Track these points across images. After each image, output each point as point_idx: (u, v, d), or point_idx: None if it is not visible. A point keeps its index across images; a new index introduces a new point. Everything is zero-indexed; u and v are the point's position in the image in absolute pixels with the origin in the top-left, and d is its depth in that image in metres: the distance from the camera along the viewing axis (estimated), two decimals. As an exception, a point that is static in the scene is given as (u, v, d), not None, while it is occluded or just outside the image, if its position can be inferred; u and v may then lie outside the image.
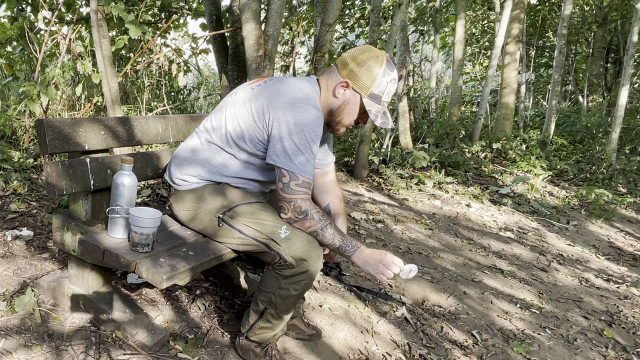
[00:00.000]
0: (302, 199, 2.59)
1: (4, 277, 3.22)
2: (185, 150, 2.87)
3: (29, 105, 4.69)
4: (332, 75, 2.73)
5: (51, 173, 2.55)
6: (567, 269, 5.19)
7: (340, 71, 2.69)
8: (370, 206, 6.21)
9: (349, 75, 2.66)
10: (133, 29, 4.67)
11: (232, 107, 2.75)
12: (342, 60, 2.71)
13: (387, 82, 2.67)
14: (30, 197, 4.43)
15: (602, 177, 9.37)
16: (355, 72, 2.65)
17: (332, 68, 2.76)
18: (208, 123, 2.85)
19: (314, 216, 2.59)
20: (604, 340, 3.85)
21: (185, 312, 3.21)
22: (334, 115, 2.77)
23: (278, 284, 2.60)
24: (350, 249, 2.65)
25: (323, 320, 3.42)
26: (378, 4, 7.83)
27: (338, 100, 2.72)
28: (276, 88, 2.67)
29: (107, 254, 2.52)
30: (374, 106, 2.71)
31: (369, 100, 2.69)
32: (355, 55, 2.67)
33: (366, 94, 2.68)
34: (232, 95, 2.83)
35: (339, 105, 2.74)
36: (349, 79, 2.66)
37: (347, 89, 2.69)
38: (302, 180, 2.57)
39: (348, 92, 2.70)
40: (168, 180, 2.92)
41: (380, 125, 2.69)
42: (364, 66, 2.63)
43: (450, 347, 3.39)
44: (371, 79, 2.64)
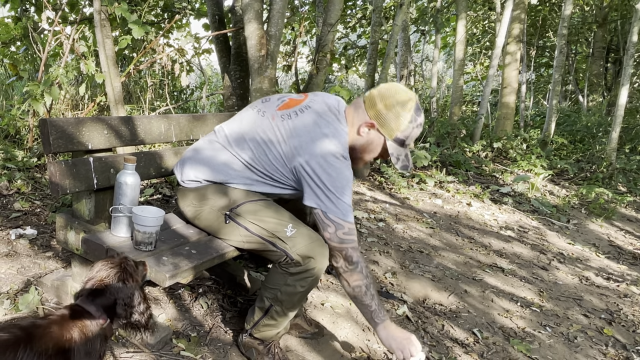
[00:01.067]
0: (353, 248, 2.60)
1: (8, 275, 3.23)
2: (196, 151, 2.86)
3: (32, 104, 4.70)
4: (359, 112, 2.68)
5: (55, 172, 2.56)
6: (567, 268, 5.19)
7: (368, 110, 2.64)
8: (371, 205, 6.21)
9: (376, 116, 2.62)
10: (136, 29, 4.67)
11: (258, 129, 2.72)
12: (370, 99, 2.65)
13: (413, 127, 2.64)
14: (34, 196, 4.44)
15: (602, 176, 9.38)
16: (382, 115, 2.61)
17: (360, 103, 2.70)
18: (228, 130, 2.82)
19: (362, 270, 2.62)
20: (604, 339, 3.85)
21: (188, 310, 3.22)
22: (355, 152, 2.74)
23: (284, 281, 2.61)
24: (382, 317, 2.67)
25: (325, 319, 3.42)
26: (379, 4, 7.85)
27: (362, 138, 2.69)
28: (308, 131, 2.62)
29: (111, 253, 2.52)
30: (397, 149, 2.69)
31: (393, 144, 2.67)
32: (384, 96, 2.62)
33: (390, 138, 2.65)
34: (259, 113, 2.79)
35: (362, 144, 2.71)
36: (375, 121, 2.63)
37: (373, 129, 2.66)
38: (348, 228, 2.58)
39: (373, 133, 2.67)
40: (177, 176, 2.90)
41: (400, 169, 2.70)
42: (392, 110, 2.60)
43: (451, 345, 3.40)
44: (398, 125, 2.61)
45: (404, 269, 4.48)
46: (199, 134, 3.46)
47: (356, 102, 2.74)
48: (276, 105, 2.78)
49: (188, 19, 7.28)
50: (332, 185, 2.53)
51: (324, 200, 2.54)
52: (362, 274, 2.62)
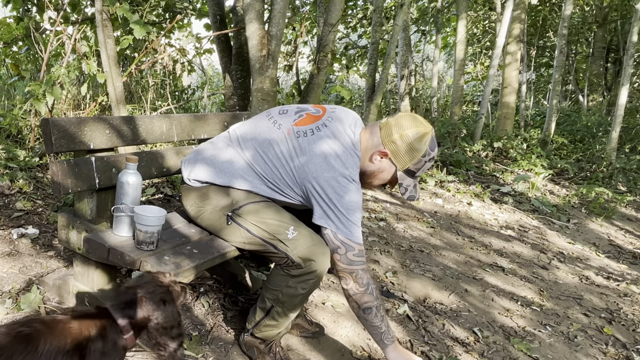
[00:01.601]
0: (363, 269, 2.61)
1: (10, 274, 3.23)
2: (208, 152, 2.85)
3: (34, 104, 4.70)
4: (374, 138, 2.67)
5: (57, 172, 2.57)
6: (567, 267, 5.20)
7: (383, 138, 2.63)
8: (372, 204, 6.22)
9: (390, 146, 2.62)
10: (138, 29, 4.68)
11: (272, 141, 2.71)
12: (387, 127, 2.64)
13: (425, 160, 2.65)
14: (36, 195, 4.44)
15: (602, 176, 9.38)
16: (397, 147, 2.61)
17: (376, 129, 2.68)
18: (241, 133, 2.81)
19: (373, 292, 2.63)
20: (604, 338, 3.86)
21: (190, 309, 3.22)
22: (365, 177, 2.75)
23: (286, 283, 2.61)
24: (390, 338, 2.68)
25: (326, 318, 3.43)
26: (380, 4, 7.86)
27: (373, 166, 2.70)
28: (322, 152, 2.61)
29: (112, 252, 2.53)
30: (406, 180, 2.71)
31: (403, 174, 2.69)
32: (402, 127, 2.61)
33: (402, 169, 2.67)
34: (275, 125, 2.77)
35: (372, 171, 2.72)
36: (389, 150, 2.62)
37: (385, 158, 2.66)
38: (359, 250, 2.58)
39: (385, 161, 2.67)
40: (184, 174, 2.88)
41: (407, 199, 2.71)
42: (406, 143, 2.59)
43: (452, 344, 3.40)
44: (411, 158, 2.62)
45: (404, 268, 4.48)
46: (201, 133, 3.47)
47: (372, 127, 2.73)
48: (293, 120, 2.76)
49: (189, 19, 7.29)
50: (343, 207, 2.53)
51: (334, 221, 2.55)
52: (373, 296, 2.62)
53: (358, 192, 2.61)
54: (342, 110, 2.87)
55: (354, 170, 2.63)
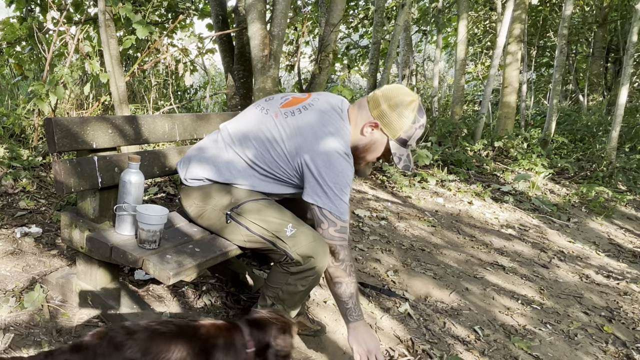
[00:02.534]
0: (341, 246, 2.65)
1: (13, 273, 3.25)
2: (201, 150, 2.88)
3: (37, 104, 4.71)
4: (363, 112, 2.71)
5: (60, 171, 2.58)
6: (567, 266, 5.21)
7: (372, 110, 2.67)
8: (373, 204, 6.24)
9: (379, 116, 2.65)
10: (140, 29, 4.68)
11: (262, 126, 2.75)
12: (374, 99, 2.68)
13: (415, 127, 2.68)
14: (39, 194, 4.45)
15: (602, 175, 9.38)
16: (386, 115, 2.64)
17: (363, 103, 2.73)
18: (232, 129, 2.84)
19: (346, 269, 2.66)
20: (604, 336, 3.87)
21: (192, 307, 3.24)
22: (358, 151, 2.77)
23: (285, 280, 2.63)
24: (355, 316, 2.71)
25: (327, 316, 3.44)
26: (382, 4, 7.88)
27: (365, 138, 2.72)
28: (311, 127, 2.65)
29: (115, 251, 2.54)
30: (399, 149, 2.73)
31: (395, 144, 2.71)
32: (388, 97, 2.65)
33: (394, 138, 2.69)
34: (263, 111, 2.82)
35: (365, 144, 2.74)
36: (379, 121, 2.66)
37: (376, 129, 2.69)
38: (340, 226, 2.62)
39: (376, 133, 2.70)
40: (181, 174, 2.93)
41: (402, 169, 2.74)
42: (395, 111, 2.63)
43: (453, 342, 3.41)
44: (401, 125, 2.65)
45: (405, 267, 4.50)
46: (203, 133, 3.48)
47: (360, 102, 2.76)
48: (279, 103, 2.81)
49: (192, 19, 7.29)
50: (333, 182, 2.56)
51: (322, 197, 2.58)
52: (345, 272, 2.65)
53: (350, 167, 2.65)
54: (327, 93, 2.94)
55: (346, 145, 2.67)
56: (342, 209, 2.60)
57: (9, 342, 2.58)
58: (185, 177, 2.87)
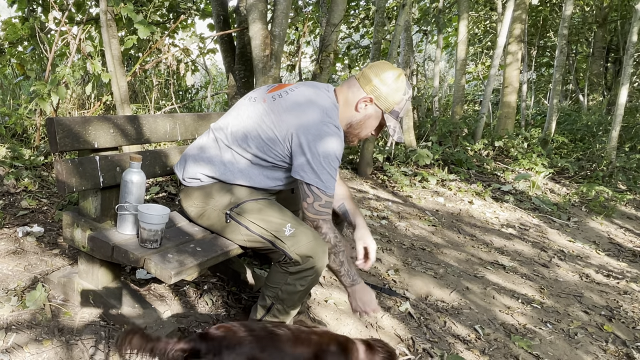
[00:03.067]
0: (324, 220, 2.70)
1: (15, 272, 3.25)
2: (195, 148, 2.89)
3: (39, 104, 4.72)
4: (354, 90, 2.78)
5: (61, 171, 2.58)
6: (568, 265, 5.22)
7: (364, 87, 2.74)
8: (374, 203, 6.25)
9: (373, 91, 2.73)
10: (142, 29, 4.69)
11: (251, 113, 2.77)
12: (364, 76, 2.75)
13: (406, 99, 2.78)
14: (41, 194, 4.46)
15: (602, 175, 9.39)
16: (379, 89, 2.72)
17: (353, 82, 2.80)
18: (223, 123, 2.86)
19: (331, 240, 2.70)
20: (604, 335, 3.88)
21: (193, 307, 3.25)
22: (352, 128, 2.84)
23: (285, 280, 2.64)
24: (350, 281, 2.81)
25: (328, 315, 3.45)
26: (382, 4, 7.87)
27: (359, 114, 2.79)
28: (299, 104, 2.70)
29: (117, 250, 2.54)
30: (392, 122, 2.80)
31: (389, 116, 2.79)
32: (377, 73, 2.73)
33: (387, 111, 2.77)
34: (250, 100, 2.85)
35: (360, 119, 2.81)
36: (372, 95, 2.73)
37: (370, 104, 2.76)
38: (325, 201, 2.65)
39: (370, 108, 2.77)
40: (179, 176, 2.94)
41: (396, 139, 2.81)
42: (387, 84, 2.71)
43: (453, 341, 3.42)
44: (394, 98, 2.73)
45: (406, 266, 4.51)
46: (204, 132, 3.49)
47: (348, 82, 2.84)
48: (266, 90, 2.86)
49: (193, 19, 7.29)
50: (323, 155, 2.61)
51: (308, 172, 2.62)
52: (331, 243, 2.71)
53: (340, 139, 2.69)
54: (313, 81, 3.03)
55: (335, 118, 2.73)
56: (328, 184, 2.65)
57: (11, 341, 2.58)
58: (183, 177, 2.88)
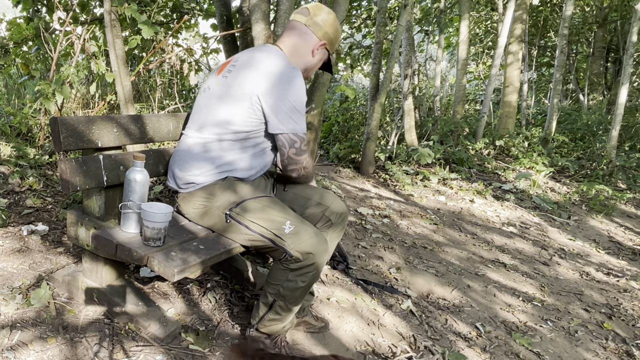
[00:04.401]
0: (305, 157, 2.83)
1: (20, 270, 3.26)
2: (179, 157, 2.89)
3: (44, 103, 4.72)
4: (306, 37, 2.88)
5: (65, 169, 2.59)
6: (568, 263, 5.24)
7: (316, 33, 2.87)
8: (376, 202, 6.26)
9: (325, 36, 2.89)
10: (146, 29, 4.69)
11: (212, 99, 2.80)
12: (314, 23, 2.86)
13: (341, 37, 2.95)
14: (46, 193, 4.47)
15: (602, 174, 9.40)
16: (329, 35, 2.90)
17: (303, 29, 2.88)
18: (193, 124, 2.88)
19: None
20: (604, 332, 3.90)
21: (197, 304, 3.26)
22: (306, 72, 2.99)
23: (286, 277, 2.66)
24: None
25: (331, 313, 3.47)
26: (384, 4, 7.87)
27: (315, 59, 2.94)
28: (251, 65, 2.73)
29: (120, 248, 2.55)
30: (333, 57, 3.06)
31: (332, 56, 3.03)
32: (324, 19, 2.88)
33: (333, 51, 2.98)
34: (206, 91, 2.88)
35: (315, 63, 2.97)
36: (326, 40, 2.90)
37: (322, 47, 2.92)
38: (307, 140, 2.74)
39: (321, 52, 2.94)
40: (173, 186, 2.94)
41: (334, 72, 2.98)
42: (334, 29, 2.90)
43: (455, 338, 3.44)
44: (338, 38, 2.95)
45: (408, 264, 4.53)
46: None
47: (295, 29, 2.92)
48: (215, 73, 2.92)
49: (196, 19, 7.29)
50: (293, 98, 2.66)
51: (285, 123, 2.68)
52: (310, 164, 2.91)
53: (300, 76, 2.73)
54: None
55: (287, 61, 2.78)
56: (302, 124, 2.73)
57: (16, 338, 2.60)
58: (179, 186, 2.89)
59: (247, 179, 2.90)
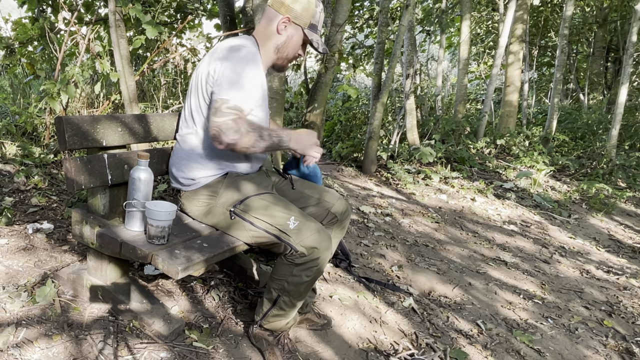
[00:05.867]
0: (233, 119, 2.56)
1: (25, 268, 3.28)
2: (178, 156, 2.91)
3: (49, 102, 4.73)
4: (270, 16, 2.84)
5: (70, 168, 2.61)
6: (568, 261, 5.24)
7: (279, 10, 2.80)
8: (378, 200, 6.28)
9: (288, 11, 2.79)
10: (150, 29, 4.70)
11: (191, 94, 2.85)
12: (276, 1, 2.81)
13: (319, 11, 2.85)
14: (51, 191, 4.49)
15: (602, 172, 9.40)
16: (293, 8, 2.79)
17: (268, 11, 2.85)
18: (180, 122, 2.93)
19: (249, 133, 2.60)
20: (604, 330, 3.91)
21: (200, 302, 3.28)
22: (280, 52, 2.89)
23: (290, 272, 2.66)
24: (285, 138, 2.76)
25: (333, 311, 3.48)
26: (386, 5, 7.89)
27: (282, 36, 2.85)
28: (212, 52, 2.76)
29: (125, 247, 2.56)
30: (314, 36, 2.88)
31: (310, 31, 2.86)
32: None
33: (306, 26, 2.84)
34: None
35: (284, 41, 2.86)
36: (289, 15, 2.79)
37: (289, 24, 2.82)
38: (234, 104, 2.57)
39: (290, 28, 2.84)
40: (176, 185, 2.96)
41: (322, 51, 2.90)
42: (298, 1, 2.79)
43: (456, 336, 3.45)
44: (308, 12, 2.81)
45: (410, 262, 4.54)
46: (210, 131, 3.52)
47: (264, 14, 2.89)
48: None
49: (200, 19, 7.31)
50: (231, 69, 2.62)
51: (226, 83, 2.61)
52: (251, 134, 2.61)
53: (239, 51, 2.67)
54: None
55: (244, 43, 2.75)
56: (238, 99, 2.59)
57: (21, 335, 2.62)
58: (182, 184, 2.90)
59: (250, 174, 2.93)
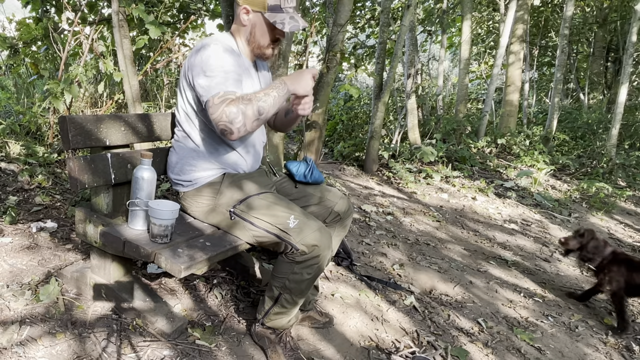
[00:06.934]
0: (227, 104, 2.49)
1: (29, 267, 3.28)
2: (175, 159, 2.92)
3: (53, 102, 4.73)
4: (237, 10, 2.81)
5: (74, 167, 2.61)
6: (569, 260, 5.26)
7: (239, 2, 2.76)
8: (380, 199, 6.29)
9: (245, 1, 2.74)
10: (153, 29, 4.70)
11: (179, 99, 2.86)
12: None
13: None
14: (54, 190, 4.50)
15: (602, 172, 9.42)
16: None
17: (235, 6, 2.83)
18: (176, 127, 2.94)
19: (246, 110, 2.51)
20: (604, 328, 3.92)
21: (203, 300, 3.28)
22: (251, 42, 2.85)
23: (291, 269, 2.67)
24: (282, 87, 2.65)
25: (335, 309, 3.49)
26: (388, 5, 7.91)
27: (247, 26, 2.81)
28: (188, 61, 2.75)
29: (128, 245, 2.56)
30: (277, 16, 2.74)
31: (271, 14, 2.74)
32: None
33: (265, 10, 2.73)
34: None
35: (249, 31, 2.82)
36: (246, 4, 2.74)
37: (249, 14, 2.77)
38: (216, 92, 2.53)
39: (252, 15, 2.77)
40: (177, 187, 2.96)
41: (290, 30, 2.73)
42: None
43: (457, 334, 3.46)
44: None
45: (411, 260, 4.55)
46: (212, 130, 3.53)
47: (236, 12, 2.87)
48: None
49: (203, 19, 7.33)
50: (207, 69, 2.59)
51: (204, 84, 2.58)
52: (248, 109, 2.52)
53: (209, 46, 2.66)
54: None
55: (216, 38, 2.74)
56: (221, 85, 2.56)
57: (25, 333, 2.63)
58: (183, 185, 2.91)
59: (249, 173, 2.93)
